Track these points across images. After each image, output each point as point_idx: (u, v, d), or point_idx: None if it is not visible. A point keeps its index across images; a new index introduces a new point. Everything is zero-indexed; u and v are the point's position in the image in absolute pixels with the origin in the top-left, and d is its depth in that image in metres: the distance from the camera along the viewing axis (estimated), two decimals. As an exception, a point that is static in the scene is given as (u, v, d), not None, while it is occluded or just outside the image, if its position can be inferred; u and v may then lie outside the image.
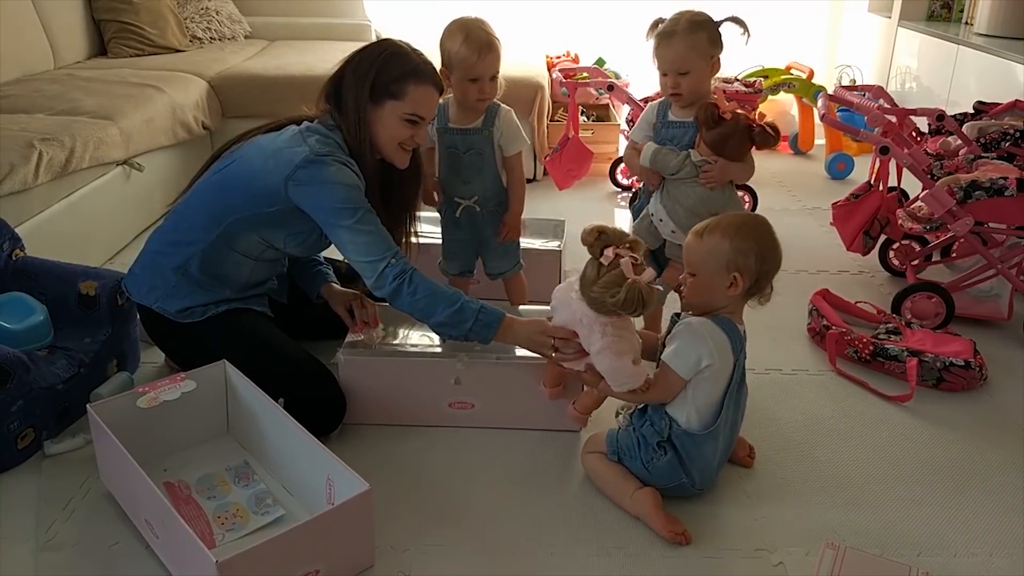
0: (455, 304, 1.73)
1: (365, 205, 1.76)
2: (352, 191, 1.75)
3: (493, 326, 1.74)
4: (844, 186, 3.42)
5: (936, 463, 1.81)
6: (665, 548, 1.55)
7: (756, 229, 1.57)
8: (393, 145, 1.84)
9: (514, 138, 2.09)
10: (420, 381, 1.86)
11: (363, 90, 1.78)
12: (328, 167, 1.73)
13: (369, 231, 1.74)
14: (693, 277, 1.59)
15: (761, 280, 1.58)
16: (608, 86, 3.32)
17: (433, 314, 1.74)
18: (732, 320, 1.60)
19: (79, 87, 3.09)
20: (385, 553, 1.52)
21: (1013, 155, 2.52)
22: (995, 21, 3.64)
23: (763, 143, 1.91)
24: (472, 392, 1.87)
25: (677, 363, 1.56)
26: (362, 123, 1.79)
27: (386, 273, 1.73)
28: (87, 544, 1.54)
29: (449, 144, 2.08)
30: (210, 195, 1.85)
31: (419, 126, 1.83)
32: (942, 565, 1.51)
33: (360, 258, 1.75)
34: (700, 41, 1.89)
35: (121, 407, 1.63)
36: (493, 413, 1.88)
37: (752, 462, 1.79)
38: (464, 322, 1.73)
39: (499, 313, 1.75)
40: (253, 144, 1.86)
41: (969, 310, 2.41)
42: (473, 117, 2.05)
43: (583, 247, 1.58)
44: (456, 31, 1.98)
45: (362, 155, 1.81)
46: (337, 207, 1.74)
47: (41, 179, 2.35)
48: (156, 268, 1.87)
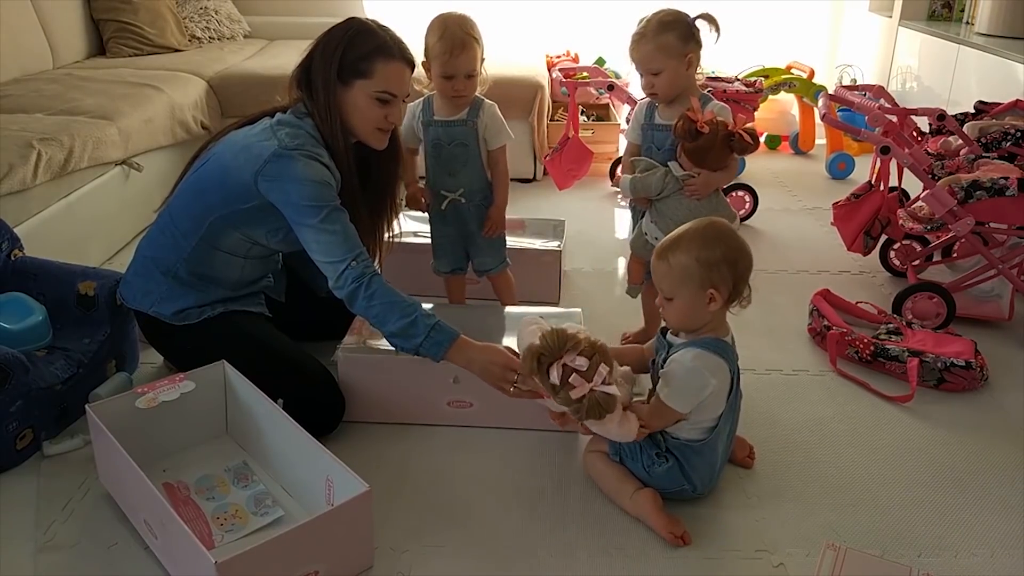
0: (409, 316, 1.67)
1: (332, 203, 1.72)
2: (319, 188, 1.71)
3: (444, 345, 1.67)
4: (845, 186, 3.42)
5: (937, 463, 1.80)
6: (665, 548, 1.54)
7: (718, 237, 1.54)
8: (368, 127, 1.81)
9: (498, 132, 2.11)
10: (419, 379, 1.86)
11: (331, 71, 1.74)
12: (296, 162, 1.70)
13: (333, 231, 1.70)
14: (670, 301, 1.57)
15: (738, 285, 1.55)
16: (608, 86, 3.32)
17: (386, 323, 1.69)
18: (719, 337, 1.58)
19: (78, 87, 3.08)
20: (385, 553, 1.52)
21: (1014, 155, 2.52)
22: (996, 21, 3.64)
23: (742, 151, 1.91)
24: (470, 391, 1.86)
25: (678, 403, 1.54)
26: (332, 106, 1.76)
27: (346, 275, 1.69)
28: (86, 545, 1.54)
29: (434, 136, 2.09)
30: (189, 197, 1.84)
31: (392, 104, 1.79)
32: (943, 565, 1.51)
33: (322, 258, 1.72)
34: (668, 41, 1.91)
35: (120, 408, 1.62)
36: (491, 412, 1.88)
37: (752, 463, 1.78)
38: (415, 336, 1.67)
39: (453, 333, 1.69)
40: (226, 141, 1.84)
41: (970, 310, 2.41)
42: (457, 109, 2.07)
43: (583, 247, 1.57)
44: (435, 26, 2.00)
45: (335, 141, 1.78)
46: (303, 204, 1.70)
47: (40, 179, 2.35)
48: (147, 273, 1.87)
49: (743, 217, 3.19)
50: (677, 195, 1.98)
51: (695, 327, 1.58)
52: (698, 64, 1.99)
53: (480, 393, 1.86)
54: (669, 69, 1.94)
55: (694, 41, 1.94)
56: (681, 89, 1.98)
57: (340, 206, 1.74)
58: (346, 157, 1.81)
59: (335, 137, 1.78)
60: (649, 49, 1.93)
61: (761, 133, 4.19)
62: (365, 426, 1.88)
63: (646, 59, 1.95)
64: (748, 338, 2.32)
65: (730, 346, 1.60)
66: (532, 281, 2.34)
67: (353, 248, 1.72)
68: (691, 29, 1.93)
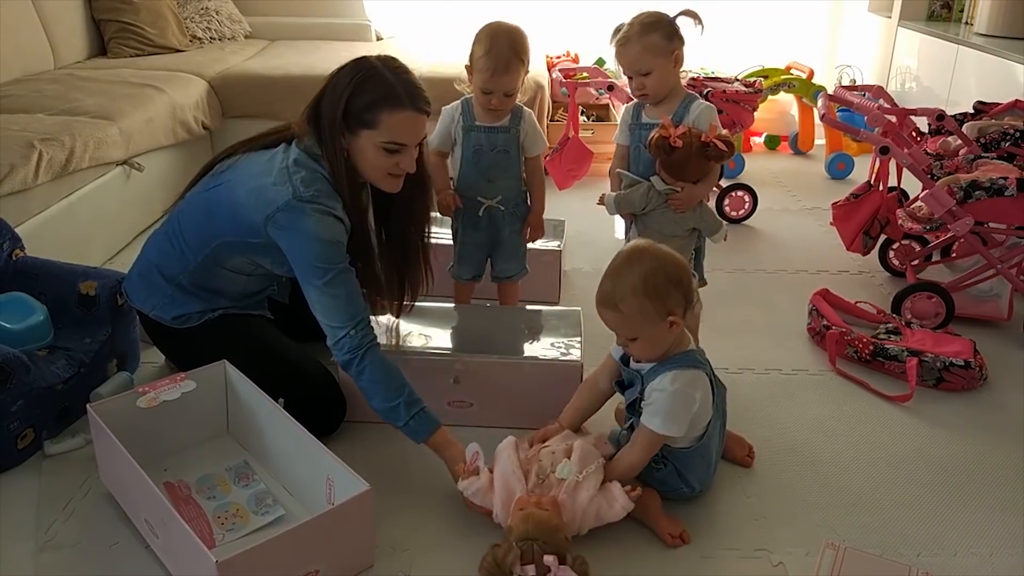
0: (393, 401, 1.66)
1: (339, 265, 1.68)
2: (329, 248, 1.66)
3: (422, 435, 1.68)
4: (844, 186, 3.42)
5: (936, 463, 1.81)
6: (665, 548, 1.55)
7: (652, 261, 1.50)
8: (378, 173, 1.73)
9: (536, 140, 2.11)
10: (418, 380, 1.86)
11: (337, 118, 1.66)
12: (308, 217, 1.65)
13: (336, 295, 1.66)
14: (634, 341, 1.54)
15: (688, 296, 1.53)
16: (608, 86, 3.32)
17: (372, 399, 1.69)
18: (684, 350, 1.57)
19: (79, 87, 3.09)
20: (385, 553, 1.52)
21: (1013, 155, 2.52)
22: (995, 21, 3.64)
23: (719, 158, 1.91)
24: (471, 391, 1.87)
25: (672, 429, 1.53)
26: (339, 152, 1.69)
27: (342, 343, 1.66)
28: (87, 544, 1.54)
29: (475, 142, 2.06)
30: (199, 216, 1.81)
31: (402, 153, 1.70)
32: (942, 565, 1.51)
33: (323, 319, 1.68)
34: (655, 41, 1.92)
35: (121, 407, 1.63)
36: (491, 412, 1.88)
37: (752, 461, 1.79)
38: (397, 420, 1.67)
39: (434, 424, 1.68)
40: (241, 168, 1.78)
41: (969, 310, 2.41)
42: (498, 117, 2.05)
43: (583, 247, 1.57)
44: (484, 37, 1.96)
45: (344, 187, 1.71)
46: (310, 264, 1.66)
47: (41, 179, 2.35)
48: (152, 277, 1.87)
49: (743, 217, 3.19)
50: (662, 208, 1.99)
51: (662, 353, 1.56)
52: (683, 61, 2.00)
53: (480, 393, 1.87)
54: (658, 68, 1.94)
55: (678, 38, 1.95)
56: (671, 87, 1.99)
57: (349, 266, 1.70)
58: (357, 204, 1.74)
59: (344, 183, 1.71)
60: (636, 51, 1.93)
61: (760, 133, 4.20)
62: (365, 426, 1.88)
63: (634, 62, 1.94)
64: (748, 338, 2.33)
65: (697, 352, 1.60)
66: (532, 281, 2.34)
67: (354, 316, 1.67)
68: (673, 26, 1.94)
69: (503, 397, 1.87)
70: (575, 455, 1.57)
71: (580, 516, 1.51)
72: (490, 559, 1.39)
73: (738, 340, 2.31)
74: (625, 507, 1.51)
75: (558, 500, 1.49)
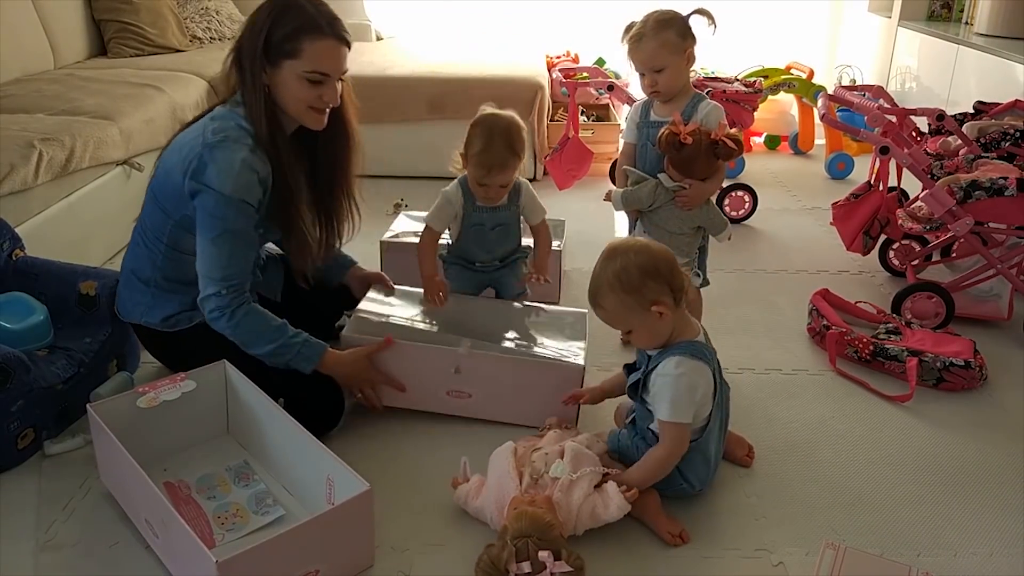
0: (277, 342, 1.73)
1: (234, 227, 1.68)
2: (228, 205, 1.66)
3: (314, 360, 1.76)
4: (844, 186, 3.42)
5: (936, 463, 1.81)
6: (665, 548, 1.55)
7: (624, 256, 1.52)
8: (300, 107, 1.72)
9: (535, 209, 2.12)
10: (420, 366, 1.86)
11: (258, 52, 1.66)
12: (212, 165, 1.65)
13: (221, 252, 1.68)
14: (631, 332, 1.57)
15: (673, 283, 1.53)
16: (608, 86, 3.32)
17: (252, 347, 1.74)
18: (690, 339, 1.58)
19: (79, 87, 3.09)
20: (385, 553, 1.52)
21: (1013, 155, 2.52)
22: (995, 21, 3.64)
23: (727, 157, 1.94)
24: (471, 382, 1.87)
25: (681, 415, 1.53)
26: (259, 88, 1.68)
27: (211, 299, 1.70)
28: (87, 544, 1.54)
29: (477, 221, 2.07)
30: (149, 205, 1.83)
31: (325, 84, 1.70)
32: (942, 565, 1.51)
33: (201, 268, 1.71)
34: (669, 38, 1.95)
35: (121, 407, 1.63)
36: (490, 405, 1.88)
37: (751, 461, 1.79)
38: (284, 354, 1.74)
39: (321, 347, 1.76)
40: (174, 144, 1.79)
41: (969, 310, 2.41)
42: (496, 201, 2.06)
43: (583, 247, 1.58)
44: (480, 132, 1.95)
45: (261, 128, 1.70)
46: (209, 213, 1.67)
47: (41, 179, 2.35)
48: (131, 284, 1.88)
49: (743, 217, 3.19)
50: (669, 205, 2.00)
51: (664, 339, 1.58)
52: (695, 59, 2.02)
53: (480, 386, 1.86)
54: (672, 66, 1.97)
55: (691, 36, 1.98)
56: (682, 85, 2.00)
57: (241, 231, 1.70)
58: (276, 145, 1.72)
59: (263, 124, 1.70)
60: (652, 47, 1.95)
61: (761, 133, 4.20)
62: (366, 428, 1.89)
63: (649, 58, 1.97)
64: (748, 338, 2.33)
65: (703, 344, 1.60)
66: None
67: (230, 278, 1.69)
68: (687, 25, 1.97)
69: (502, 392, 1.87)
70: (567, 455, 1.57)
71: (575, 515, 1.51)
72: (485, 558, 1.39)
73: (738, 340, 2.30)
74: (621, 508, 1.51)
75: (552, 499, 1.50)
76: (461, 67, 3.68)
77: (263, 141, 1.71)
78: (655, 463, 1.57)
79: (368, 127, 1.98)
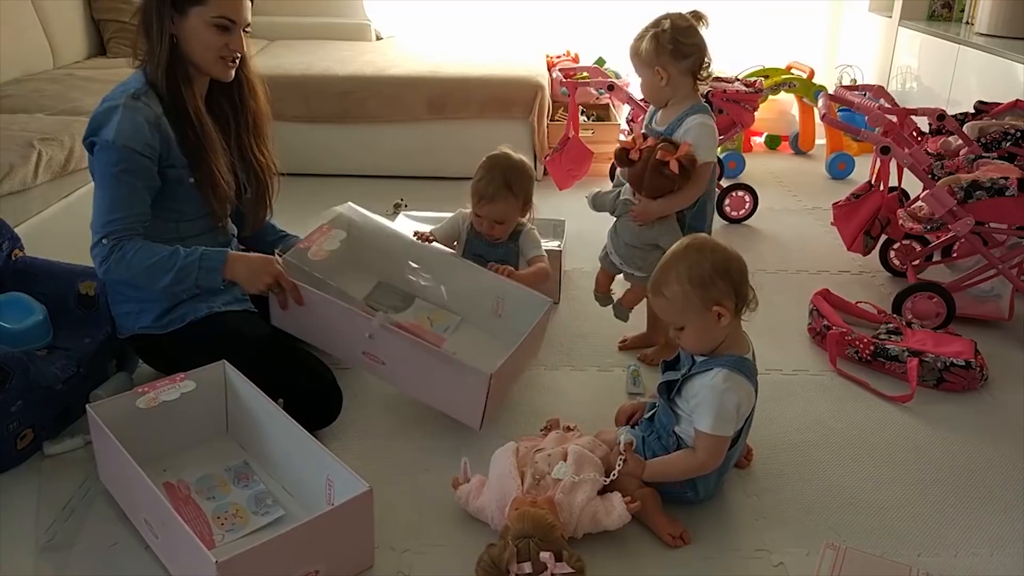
0: (173, 267, 1.73)
1: (115, 172, 1.70)
2: (115, 151, 1.69)
3: (217, 268, 1.76)
4: (845, 186, 3.42)
5: (936, 463, 1.81)
6: (665, 548, 1.55)
7: (701, 252, 1.52)
8: (210, 55, 1.76)
9: (533, 245, 2.13)
10: (337, 324, 1.85)
11: (165, 2, 1.71)
12: (108, 120, 1.70)
13: (102, 196, 1.72)
14: (681, 330, 1.55)
15: (740, 291, 1.53)
16: (608, 86, 3.32)
17: (155, 281, 1.74)
18: (741, 354, 1.56)
19: (79, 87, 3.09)
20: (385, 553, 1.52)
21: (1014, 155, 2.52)
22: (996, 21, 3.64)
23: (668, 180, 1.87)
24: (384, 352, 1.82)
25: (724, 428, 1.52)
26: (165, 36, 1.72)
27: (96, 252, 1.73)
28: (87, 544, 1.54)
29: (476, 250, 2.10)
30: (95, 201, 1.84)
31: (232, 32, 1.75)
32: (942, 565, 1.51)
33: (93, 214, 1.74)
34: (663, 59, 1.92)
35: (120, 407, 1.62)
36: (400, 377, 1.86)
37: (749, 463, 1.78)
38: (188, 276, 1.74)
39: (222, 255, 1.77)
40: None
41: (970, 310, 2.41)
42: (495, 238, 2.08)
43: (583, 247, 1.57)
44: (486, 163, 2.02)
45: (169, 73, 1.74)
46: (94, 167, 1.74)
47: (40, 179, 2.35)
48: (116, 294, 1.89)
49: (743, 217, 3.19)
50: (626, 217, 2.00)
51: (713, 347, 1.56)
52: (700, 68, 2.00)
53: (391, 357, 1.82)
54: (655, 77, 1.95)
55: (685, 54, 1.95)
56: (680, 95, 1.98)
57: (123, 177, 1.71)
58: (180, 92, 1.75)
59: (162, 67, 1.73)
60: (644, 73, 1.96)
61: (761, 133, 4.20)
62: (366, 428, 1.89)
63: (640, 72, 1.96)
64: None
65: (751, 363, 1.58)
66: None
67: (108, 224, 1.71)
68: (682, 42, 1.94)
69: (411, 373, 1.82)
70: (571, 458, 1.57)
71: (576, 517, 1.50)
72: (486, 558, 1.39)
73: (738, 340, 2.30)
74: (622, 517, 1.51)
75: (554, 500, 1.49)
76: (461, 67, 3.67)
77: (159, 85, 1.75)
78: (686, 466, 1.56)
79: (368, 127, 1.97)
